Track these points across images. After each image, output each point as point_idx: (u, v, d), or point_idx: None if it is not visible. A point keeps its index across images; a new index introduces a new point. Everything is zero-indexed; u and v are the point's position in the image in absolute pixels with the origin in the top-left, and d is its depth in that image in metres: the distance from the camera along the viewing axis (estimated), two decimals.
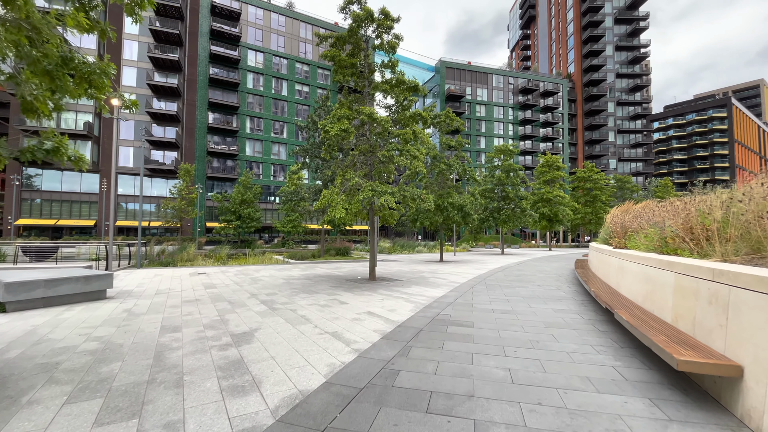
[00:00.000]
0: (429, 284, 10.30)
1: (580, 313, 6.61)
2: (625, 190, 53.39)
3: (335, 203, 9.85)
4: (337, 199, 9.90)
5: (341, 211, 9.61)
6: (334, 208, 9.78)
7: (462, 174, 19.84)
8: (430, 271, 14.25)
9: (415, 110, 10.70)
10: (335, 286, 9.99)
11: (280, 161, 50.85)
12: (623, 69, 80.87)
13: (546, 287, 9.81)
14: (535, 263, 18.98)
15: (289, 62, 53.30)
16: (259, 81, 50.93)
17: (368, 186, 9.62)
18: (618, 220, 10.14)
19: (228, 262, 18.95)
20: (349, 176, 10.19)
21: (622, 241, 8.50)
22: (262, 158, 50.05)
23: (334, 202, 9.90)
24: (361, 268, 16.12)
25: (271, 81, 51.52)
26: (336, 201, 9.88)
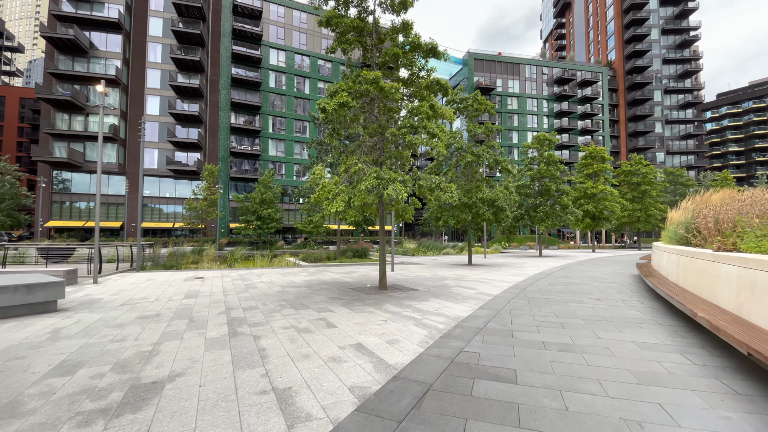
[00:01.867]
0: (452, 297, 8.09)
1: (681, 352, 4.24)
2: (678, 185, 48.18)
3: (333, 195, 7.88)
4: (336, 191, 7.92)
5: (339, 205, 7.62)
6: (331, 202, 7.82)
7: (493, 165, 17.36)
8: (456, 278, 11.98)
9: (432, 77, 8.52)
10: (334, 298, 8.00)
11: (303, 161, 49.80)
12: (671, 54, 74.23)
13: (609, 302, 7.36)
14: (583, 267, 16.21)
15: (311, 60, 52.24)
16: (282, 80, 50.16)
17: (372, 173, 7.57)
18: (709, 214, 7.52)
19: (235, 265, 17.50)
20: (351, 162, 8.18)
21: (727, 242, 5.94)
22: (285, 158, 49.21)
23: (332, 194, 7.93)
24: (375, 273, 14.08)
25: (294, 79, 50.63)
26: (334, 192, 7.90)
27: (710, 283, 5.42)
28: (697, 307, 4.94)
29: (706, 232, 7.29)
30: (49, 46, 40.41)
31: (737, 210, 6.72)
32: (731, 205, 7.08)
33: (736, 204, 7.03)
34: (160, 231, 44.30)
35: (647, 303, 7.32)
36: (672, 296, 5.70)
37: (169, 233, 44.72)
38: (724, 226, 7.12)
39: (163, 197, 44.17)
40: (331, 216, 10.17)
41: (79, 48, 40.12)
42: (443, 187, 7.66)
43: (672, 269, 7.95)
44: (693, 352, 4.22)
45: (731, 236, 5.81)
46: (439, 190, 7.70)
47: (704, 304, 5.08)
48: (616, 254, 30.36)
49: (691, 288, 6.33)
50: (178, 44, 44.31)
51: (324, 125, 21.80)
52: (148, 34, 44.22)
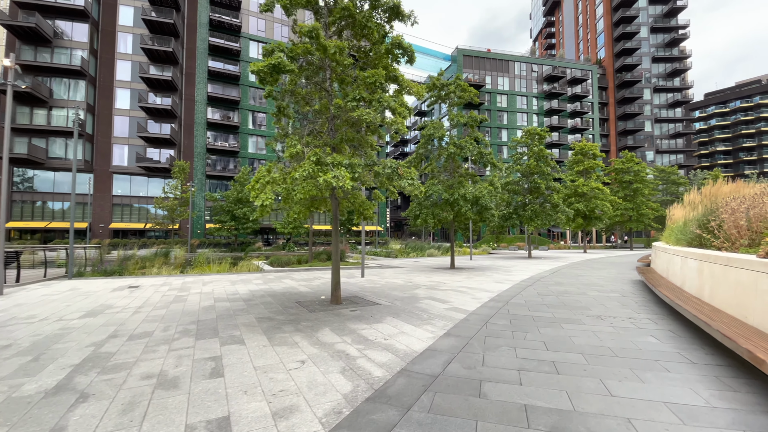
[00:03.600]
0: (415, 315, 6.36)
1: (748, 426, 2.56)
2: (670, 184, 47.27)
3: (262, 184, 6.11)
4: (266, 178, 6.14)
5: (267, 196, 5.84)
6: (258, 192, 6.04)
7: (477, 159, 15.72)
8: (431, 286, 10.28)
9: (394, 37, 6.77)
10: (264, 319, 6.22)
11: None
12: (659, 52, 73.82)
13: (614, 322, 5.71)
14: (576, 271, 14.65)
15: None
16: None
17: (312, 155, 5.80)
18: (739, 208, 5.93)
19: (188, 271, 15.57)
20: (291, 144, 6.41)
21: None
22: (266, 155, 47.05)
23: (260, 182, 6.16)
24: (342, 279, 12.30)
25: None
26: (264, 181, 6.13)
27: (762, 304, 3.78)
28: (750, 341, 3.28)
29: (735, 232, 5.68)
30: (10, 36, 37.74)
31: None
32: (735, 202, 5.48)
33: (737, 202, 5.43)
34: (131, 232, 41.88)
35: (662, 323, 5.68)
36: (707, 322, 4.05)
37: (141, 234, 42.34)
38: (758, 224, 5.53)
39: (135, 196, 41.74)
40: (291, 212, 8.41)
41: (42, 37, 37.52)
42: (401, 174, 5.93)
43: (690, 278, 6.33)
44: (763, 423, 2.56)
45: None
46: (397, 177, 5.97)
47: (757, 337, 3.43)
48: (609, 255, 29.06)
49: (725, 307, 4.69)
50: (150, 34, 41.92)
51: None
52: (117, 23, 41.76)
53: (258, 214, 6.16)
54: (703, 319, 4.12)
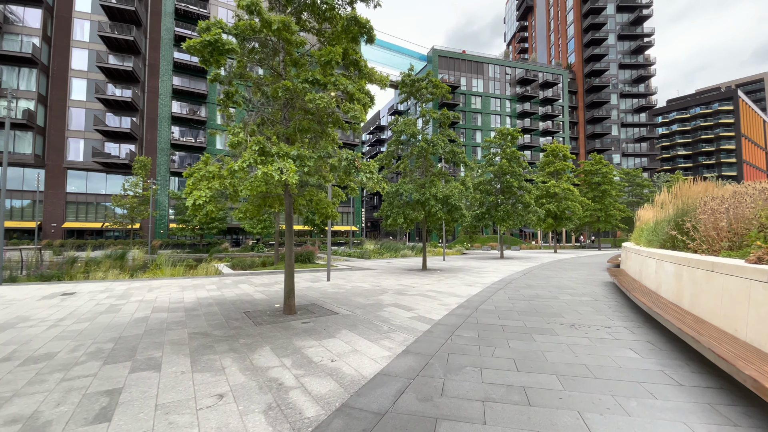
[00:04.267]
0: (374, 328, 5.68)
1: None
2: (635, 186, 48.91)
3: (197, 178, 5.27)
4: (202, 171, 5.30)
5: (202, 194, 5.01)
6: (192, 190, 5.19)
7: (450, 157, 15.25)
8: (398, 290, 9.64)
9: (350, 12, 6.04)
10: (196, 335, 5.38)
11: None
12: (626, 59, 76.62)
13: (589, 331, 5.23)
14: (547, 272, 14.42)
15: None
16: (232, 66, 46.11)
17: (254, 143, 5.02)
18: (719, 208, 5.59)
19: (138, 275, 14.28)
20: (233, 132, 5.59)
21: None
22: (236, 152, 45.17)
23: (196, 175, 5.31)
24: (304, 284, 11.50)
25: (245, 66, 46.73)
26: (198, 176, 5.28)
27: (757, 316, 3.33)
28: (750, 364, 2.79)
29: (714, 233, 5.31)
30: None
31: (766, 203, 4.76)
32: (754, 196, 5.14)
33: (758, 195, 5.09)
34: (88, 232, 39.19)
35: (639, 333, 5.25)
36: (695, 338, 3.57)
37: (99, 235, 39.71)
38: (739, 225, 5.18)
39: (91, 194, 39.07)
40: (236, 211, 7.52)
41: None
42: (359, 166, 5.23)
43: (667, 283, 5.97)
44: None
45: None
46: (354, 171, 5.26)
47: (757, 358, 2.96)
48: (578, 255, 29.47)
49: (710, 317, 4.26)
50: (110, 21, 39.35)
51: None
52: (74, 9, 38.96)
53: (191, 213, 5.30)
54: (689, 333, 3.64)
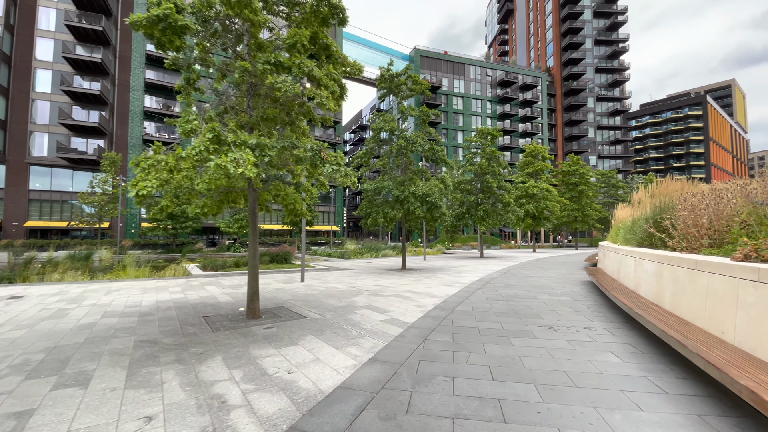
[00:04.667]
0: (343, 333, 5.28)
1: None
2: (611, 187, 50.16)
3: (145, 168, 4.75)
4: (150, 161, 4.77)
5: (149, 184, 4.50)
6: (139, 181, 4.66)
7: (430, 154, 14.98)
8: (374, 291, 9.25)
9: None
10: (143, 343, 4.85)
11: None
12: (602, 64, 78.70)
13: (568, 333, 4.98)
14: (525, 272, 14.33)
15: None
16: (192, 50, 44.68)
17: (207, 131, 4.53)
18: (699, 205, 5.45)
19: (99, 276, 13.38)
20: (187, 118, 5.08)
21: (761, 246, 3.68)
22: None
23: (143, 164, 4.78)
24: (275, 286, 10.97)
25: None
26: (146, 165, 4.75)
27: (746, 317, 3.10)
28: (745, 372, 2.54)
29: (694, 231, 5.15)
30: None
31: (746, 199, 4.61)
32: (734, 192, 4.99)
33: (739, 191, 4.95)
34: (53, 231, 37.15)
35: (619, 334, 5.03)
36: (682, 342, 3.32)
37: (65, 234, 37.72)
38: (719, 222, 5.03)
39: (57, 191, 37.07)
40: (193, 207, 6.94)
41: None
42: (325, 158, 4.78)
43: (647, 282, 5.80)
44: None
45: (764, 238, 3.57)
46: (321, 163, 4.82)
47: (751, 365, 2.71)
48: (557, 254, 29.82)
49: (694, 318, 4.05)
50: (77, 10, 37.45)
51: None
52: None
53: (137, 204, 4.77)
54: (675, 336, 3.39)
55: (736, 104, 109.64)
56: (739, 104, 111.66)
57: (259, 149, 4.62)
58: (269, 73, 4.95)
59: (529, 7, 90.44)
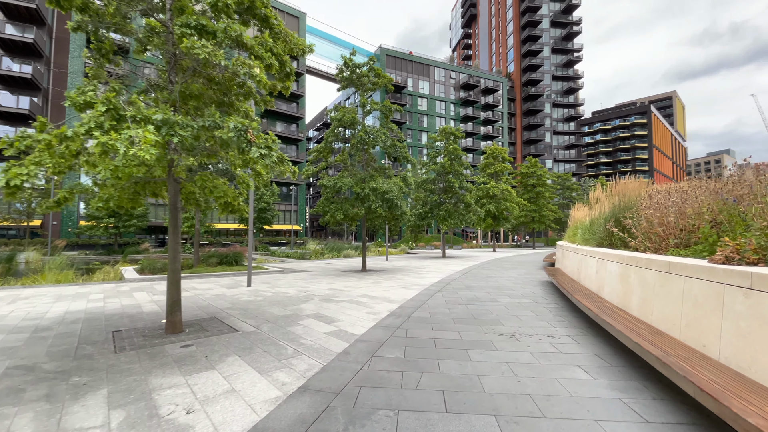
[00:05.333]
0: (276, 349, 4.49)
1: None
2: (566, 189, 52.30)
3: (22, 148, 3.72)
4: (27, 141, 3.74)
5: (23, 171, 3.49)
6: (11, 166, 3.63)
7: (391, 150, 14.40)
8: (326, 296, 8.47)
9: None
10: (17, 370, 3.79)
11: None
12: (559, 71, 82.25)
13: (531, 342, 4.49)
14: (486, 272, 14.10)
15: None
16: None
17: (101, 104, 3.59)
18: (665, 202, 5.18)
19: (11, 282, 11.58)
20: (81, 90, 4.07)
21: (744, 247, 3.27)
22: None
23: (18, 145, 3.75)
24: (218, 290, 9.89)
25: None
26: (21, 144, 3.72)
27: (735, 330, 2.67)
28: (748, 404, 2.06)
29: (660, 230, 4.83)
30: None
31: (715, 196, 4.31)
32: (700, 188, 4.72)
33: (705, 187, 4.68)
34: None
35: (584, 342, 4.62)
36: (664, 360, 2.86)
37: None
38: (685, 221, 4.74)
39: None
40: (94, 201, 5.81)
41: None
42: (252, 140, 3.93)
43: (610, 285, 5.46)
44: None
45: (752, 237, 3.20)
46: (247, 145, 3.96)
47: (752, 393, 2.25)
48: (515, 254, 30.36)
49: (668, 328, 3.65)
50: None
51: None
52: None
53: (7, 197, 3.72)
54: (653, 353, 2.92)
55: (677, 114, 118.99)
56: (679, 114, 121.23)
57: (166, 127, 3.72)
58: (187, 37, 4.06)
59: (491, 14, 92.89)
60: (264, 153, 3.96)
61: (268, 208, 36.79)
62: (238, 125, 3.94)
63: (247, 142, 3.97)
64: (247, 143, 3.95)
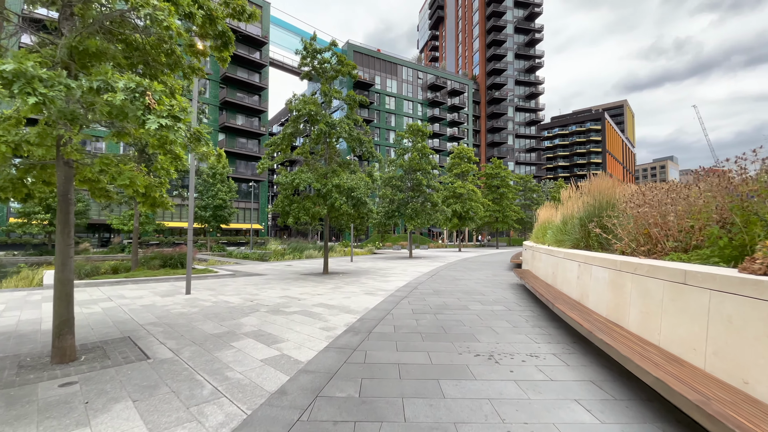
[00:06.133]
0: (190, 387, 3.41)
1: None
2: (527, 190, 53.59)
3: None
4: None
5: None
6: None
7: (355, 144, 13.42)
8: (275, 307, 7.37)
9: None
10: None
11: None
12: (521, 76, 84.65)
13: (517, 369, 3.70)
14: (454, 273, 13.47)
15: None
16: None
17: None
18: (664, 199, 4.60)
19: None
20: None
21: None
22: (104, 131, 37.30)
23: None
24: (149, 299, 8.49)
25: None
26: None
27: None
28: None
29: (656, 230, 4.21)
30: None
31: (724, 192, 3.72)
32: (709, 184, 4.13)
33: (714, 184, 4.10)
34: None
35: (575, 364, 3.90)
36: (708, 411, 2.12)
37: None
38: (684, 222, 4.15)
39: None
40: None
41: None
42: (151, 105, 2.86)
43: (598, 293, 4.83)
44: None
45: None
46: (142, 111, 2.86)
47: None
48: (480, 253, 30.33)
49: (687, 354, 2.96)
50: None
51: None
52: None
53: None
54: (690, 398, 2.17)
55: (627, 122, 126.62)
56: (629, 122, 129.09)
57: (21, 83, 2.56)
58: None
59: (458, 16, 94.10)
60: (167, 124, 2.87)
61: (225, 206, 34.52)
62: (130, 85, 2.83)
63: (145, 108, 2.86)
64: (143, 109, 2.85)
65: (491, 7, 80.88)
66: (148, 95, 2.86)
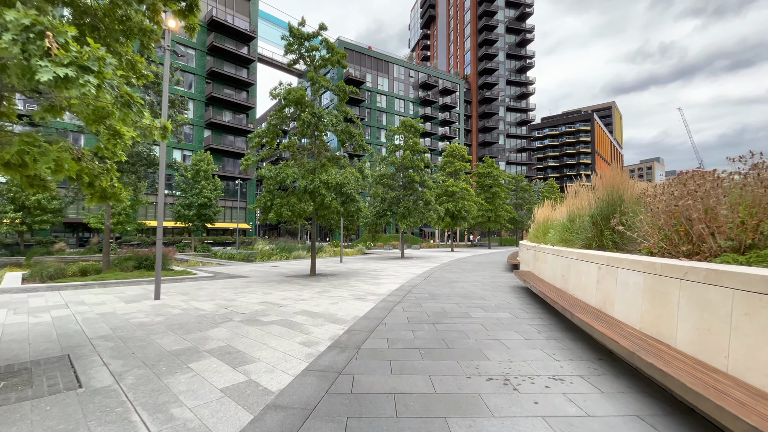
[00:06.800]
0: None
1: None
2: (519, 190, 53.32)
3: None
4: None
5: None
6: None
7: (345, 137, 12.61)
8: (252, 315, 6.53)
9: None
10: None
11: None
12: (512, 76, 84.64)
13: (542, 398, 2.95)
14: (450, 275, 12.75)
15: None
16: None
17: None
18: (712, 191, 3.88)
19: None
20: None
21: None
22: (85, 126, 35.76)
23: None
24: (113, 306, 7.57)
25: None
26: None
27: None
28: None
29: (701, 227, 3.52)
30: None
31: None
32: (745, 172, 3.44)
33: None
34: None
35: (609, 389, 3.18)
36: None
37: None
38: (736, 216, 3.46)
39: None
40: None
41: None
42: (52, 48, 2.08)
43: (627, 302, 4.12)
44: None
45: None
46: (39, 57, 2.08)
47: None
48: (473, 254, 29.75)
49: (763, 382, 2.24)
50: None
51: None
52: None
53: None
54: None
55: (615, 123, 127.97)
56: (617, 124, 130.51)
57: None
58: None
59: (449, 15, 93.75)
60: (68, 75, 2.04)
61: (210, 204, 33.34)
62: (20, 19, 2.00)
63: (44, 54, 2.03)
64: (39, 54, 2.02)
65: (483, 7, 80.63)
66: (48, 36, 2.04)
